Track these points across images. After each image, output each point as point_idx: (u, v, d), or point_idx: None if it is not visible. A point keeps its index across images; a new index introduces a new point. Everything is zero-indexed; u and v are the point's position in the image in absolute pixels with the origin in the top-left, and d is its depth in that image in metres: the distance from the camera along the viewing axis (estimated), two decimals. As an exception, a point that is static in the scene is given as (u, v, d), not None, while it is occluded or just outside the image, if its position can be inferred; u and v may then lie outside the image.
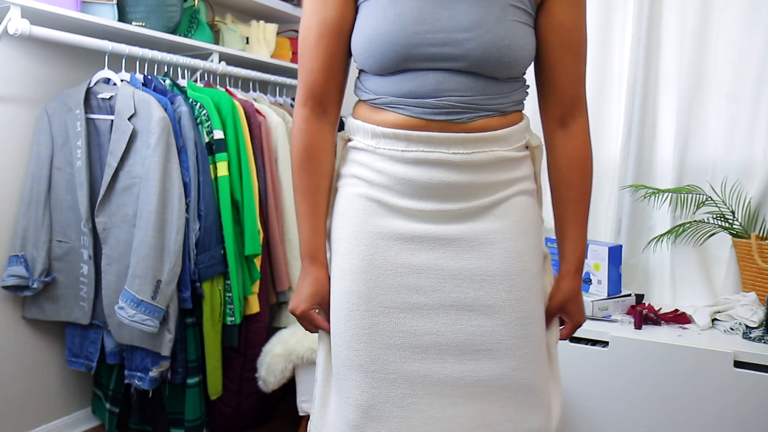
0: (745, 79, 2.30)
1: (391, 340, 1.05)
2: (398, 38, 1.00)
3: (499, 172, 1.07)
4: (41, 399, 2.18)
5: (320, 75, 1.09)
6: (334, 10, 1.06)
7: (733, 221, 2.27)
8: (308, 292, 1.11)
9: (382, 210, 1.07)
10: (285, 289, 2.37)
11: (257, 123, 2.30)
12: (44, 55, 2.09)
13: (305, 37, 1.09)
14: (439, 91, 1.02)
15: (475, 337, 1.05)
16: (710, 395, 1.86)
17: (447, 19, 1.01)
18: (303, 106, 1.11)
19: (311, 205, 1.11)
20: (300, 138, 1.11)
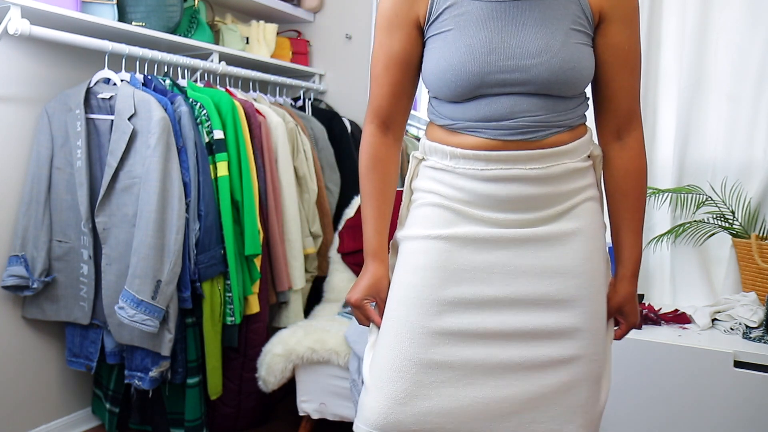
0: (745, 79, 2.29)
1: (455, 327, 1.12)
2: (471, 68, 1.08)
3: (570, 182, 1.15)
4: (41, 399, 2.18)
5: (384, 101, 1.20)
6: (400, 44, 1.15)
7: (733, 221, 2.27)
8: (365, 283, 1.19)
9: (460, 218, 1.14)
10: (285, 289, 2.37)
11: (257, 123, 2.30)
12: (44, 55, 2.09)
13: (374, 65, 1.20)
14: (512, 113, 1.10)
15: (543, 327, 1.12)
16: (710, 395, 1.86)
17: (515, 47, 1.08)
18: (370, 123, 1.22)
19: (374, 208, 1.21)
20: (366, 149, 1.22)
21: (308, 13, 3.05)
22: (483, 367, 1.12)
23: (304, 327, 2.18)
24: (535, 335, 1.12)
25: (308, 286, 2.57)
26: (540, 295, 1.12)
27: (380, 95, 1.19)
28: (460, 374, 1.11)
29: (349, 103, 3.02)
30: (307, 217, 2.52)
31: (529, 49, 1.08)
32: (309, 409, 2.13)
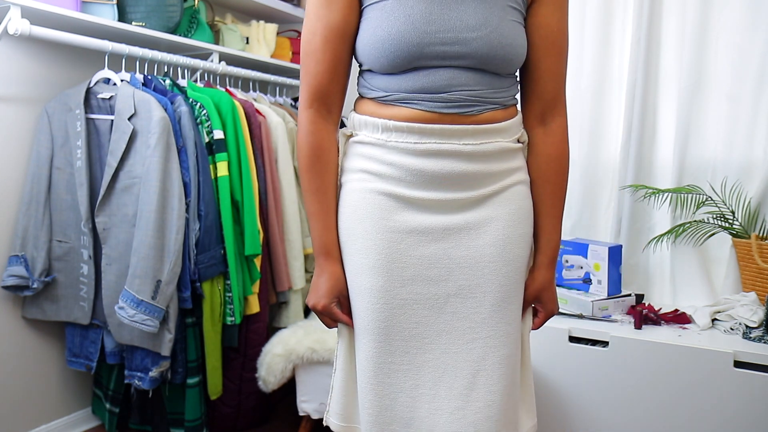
0: (745, 79, 2.29)
1: (405, 332, 1.12)
2: (410, 38, 1.05)
3: (502, 162, 1.14)
4: (41, 399, 2.18)
5: (325, 77, 1.12)
6: (339, 14, 1.09)
7: (733, 221, 2.27)
8: (326, 287, 1.15)
9: (395, 203, 1.12)
10: (285, 289, 2.37)
11: (257, 123, 2.30)
12: (44, 55, 2.09)
13: (309, 41, 1.12)
14: (450, 86, 1.08)
15: (474, 324, 1.12)
16: (710, 395, 1.86)
17: (455, 20, 1.06)
18: (308, 108, 1.14)
19: (321, 203, 1.15)
20: (307, 139, 1.14)
21: (308, 13, 3.04)
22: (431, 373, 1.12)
23: (304, 327, 2.18)
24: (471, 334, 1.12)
25: (308, 286, 2.57)
26: (471, 285, 1.12)
27: (320, 72, 1.11)
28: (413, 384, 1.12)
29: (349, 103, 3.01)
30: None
31: (469, 22, 1.06)
32: (309, 409, 2.13)
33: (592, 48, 2.51)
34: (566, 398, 2.05)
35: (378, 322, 1.11)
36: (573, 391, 2.04)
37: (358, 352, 1.16)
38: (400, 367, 1.12)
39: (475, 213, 1.12)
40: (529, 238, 1.19)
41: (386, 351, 1.12)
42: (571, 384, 2.04)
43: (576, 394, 2.03)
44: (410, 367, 1.12)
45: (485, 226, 1.12)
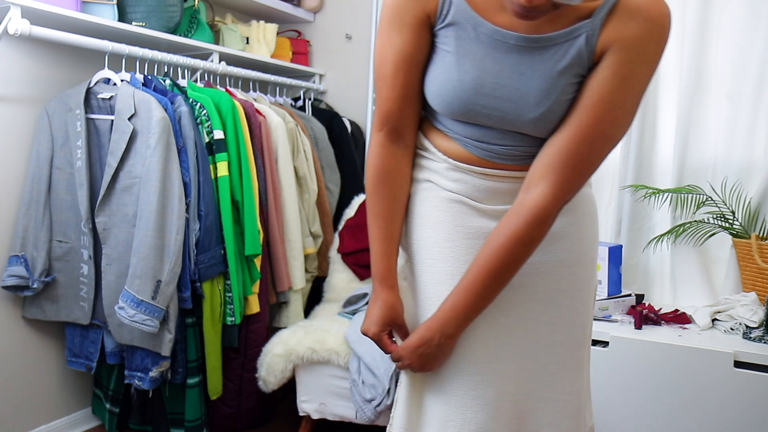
0: (745, 79, 2.30)
1: (490, 342, 1.08)
2: (457, 106, 1.03)
3: None
4: (41, 399, 2.18)
5: (395, 104, 1.08)
6: (410, 42, 1.05)
7: (733, 221, 2.27)
8: (378, 314, 1.11)
9: (468, 209, 1.09)
10: (285, 289, 2.37)
11: (257, 123, 2.30)
12: (44, 55, 2.09)
13: (381, 65, 1.08)
14: (502, 143, 1.05)
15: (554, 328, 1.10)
16: (710, 395, 1.86)
17: (506, 99, 1.01)
18: (378, 132, 1.11)
19: (383, 228, 1.11)
20: (374, 162, 1.11)
21: (308, 13, 3.05)
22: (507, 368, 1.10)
23: (304, 327, 2.18)
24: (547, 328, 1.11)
25: (308, 286, 2.57)
26: (551, 289, 1.10)
27: (390, 99, 1.08)
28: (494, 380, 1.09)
29: (349, 103, 3.02)
30: (307, 217, 2.52)
31: (519, 104, 1.00)
32: (309, 409, 2.13)
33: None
34: (566, 398, 2.05)
35: (465, 333, 1.07)
36: (573, 391, 2.04)
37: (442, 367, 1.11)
38: (485, 377, 1.08)
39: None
40: (597, 240, 1.17)
41: (472, 363, 1.08)
42: (571, 384, 2.04)
43: (576, 394, 2.03)
44: (494, 376, 1.08)
45: (558, 230, 1.09)
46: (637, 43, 0.96)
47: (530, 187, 1.03)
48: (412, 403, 1.15)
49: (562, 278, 1.10)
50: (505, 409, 1.09)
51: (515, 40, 0.99)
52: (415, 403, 1.15)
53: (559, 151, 1.01)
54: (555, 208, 1.02)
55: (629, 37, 0.96)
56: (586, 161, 1.03)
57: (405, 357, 1.09)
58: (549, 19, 0.96)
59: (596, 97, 0.98)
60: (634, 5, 0.96)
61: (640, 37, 0.96)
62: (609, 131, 1.01)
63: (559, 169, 1.01)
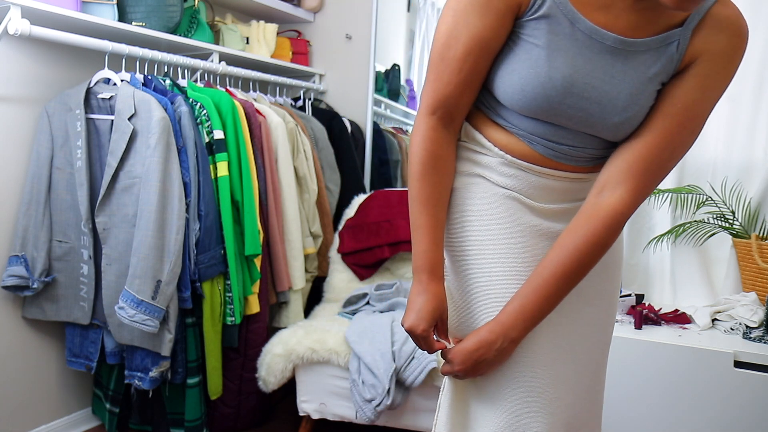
0: (746, 80, 2.29)
1: (547, 344, 1.05)
2: (541, 104, 0.98)
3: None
4: (41, 399, 2.18)
5: (457, 90, 1.02)
6: (491, 30, 0.97)
7: (734, 221, 2.27)
8: (427, 308, 1.03)
9: (522, 206, 1.06)
10: (285, 289, 2.37)
11: (257, 123, 2.30)
12: (44, 55, 2.09)
13: (449, 47, 1.00)
14: (572, 144, 1.03)
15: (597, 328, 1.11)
16: (710, 395, 1.86)
17: (593, 101, 0.98)
18: (431, 115, 1.05)
19: (432, 216, 1.05)
20: (425, 146, 1.05)
21: (308, 13, 3.05)
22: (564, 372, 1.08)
23: (304, 327, 2.18)
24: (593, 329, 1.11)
25: (308, 286, 2.57)
26: (597, 290, 1.09)
27: (453, 83, 1.01)
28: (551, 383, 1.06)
29: (349, 103, 3.02)
30: (307, 217, 2.52)
31: (606, 107, 0.98)
32: (309, 409, 2.13)
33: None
34: (566, 398, 2.05)
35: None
36: (573, 391, 2.04)
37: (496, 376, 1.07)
38: (542, 382, 1.04)
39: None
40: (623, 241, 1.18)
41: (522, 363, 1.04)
42: (571, 384, 2.04)
43: (576, 394, 2.03)
44: (550, 381, 1.04)
45: None
46: (725, 55, 0.98)
47: (606, 191, 1.01)
48: (457, 408, 1.11)
49: (601, 280, 1.09)
50: (559, 414, 1.05)
51: (612, 41, 0.96)
52: (461, 408, 1.11)
53: (641, 156, 1.00)
54: (630, 213, 1.01)
55: (718, 50, 0.98)
56: (664, 168, 1.02)
57: (457, 361, 1.03)
58: (646, 23, 0.96)
59: (680, 105, 0.98)
60: (724, 17, 0.99)
61: (728, 50, 0.99)
62: (688, 139, 1.01)
63: (639, 174, 1.00)
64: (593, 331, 1.10)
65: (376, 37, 2.97)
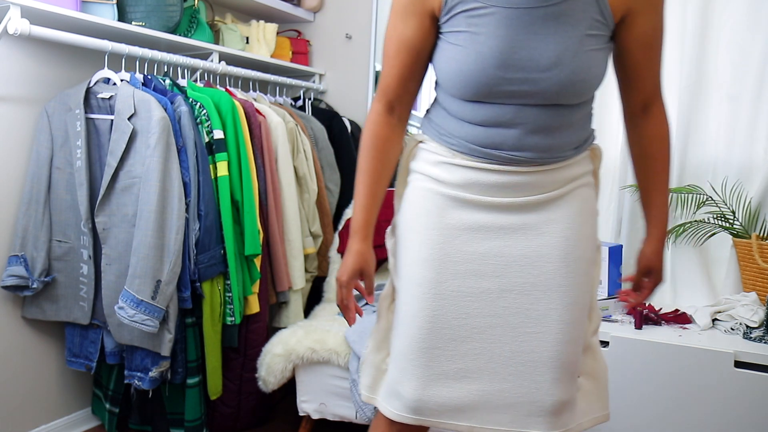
0: (746, 79, 2.29)
1: (455, 322, 1.19)
2: (479, 78, 1.10)
3: (564, 171, 1.19)
4: (41, 399, 2.18)
5: (393, 81, 1.22)
6: (412, 31, 1.16)
7: (734, 221, 2.27)
8: (352, 264, 1.24)
9: (453, 203, 1.19)
10: (285, 289, 2.36)
11: (257, 123, 2.30)
12: (44, 55, 2.09)
13: (385, 45, 1.21)
14: (514, 120, 1.13)
15: (529, 320, 1.17)
16: (710, 395, 1.86)
17: (526, 60, 1.09)
18: (377, 102, 1.25)
19: (367, 185, 1.24)
20: (370, 127, 1.25)
21: (308, 12, 3.05)
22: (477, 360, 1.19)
23: (304, 327, 2.17)
24: (523, 329, 1.18)
25: (308, 286, 2.57)
26: (530, 284, 1.17)
27: (389, 76, 1.21)
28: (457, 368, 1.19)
29: (349, 103, 3.02)
30: (307, 217, 2.52)
31: (540, 62, 1.08)
32: (309, 409, 2.13)
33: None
34: (566, 398, 2.04)
35: (427, 311, 1.19)
36: (573, 391, 2.04)
37: (401, 338, 1.23)
38: (444, 353, 1.18)
39: (534, 215, 1.17)
40: (593, 239, 1.23)
41: (433, 338, 1.18)
42: (572, 384, 2.03)
43: (576, 394, 2.03)
44: (454, 353, 1.18)
45: (544, 227, 1.17)
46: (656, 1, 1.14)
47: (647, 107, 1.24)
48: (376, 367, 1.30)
49: (541, 273, 1.17)
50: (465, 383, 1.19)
51: (527, 4, 1.07)
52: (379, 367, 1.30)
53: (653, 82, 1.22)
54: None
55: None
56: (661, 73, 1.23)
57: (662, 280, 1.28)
58: None
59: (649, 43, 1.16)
60: None
61: None
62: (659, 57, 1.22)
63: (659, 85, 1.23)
64: (523, 321, 1.18)
65: (376, 37, 2.97)
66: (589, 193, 1.24)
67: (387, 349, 1.30)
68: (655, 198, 1.29)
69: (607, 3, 1.10)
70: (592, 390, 1.28)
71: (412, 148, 1.28)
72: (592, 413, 1.26)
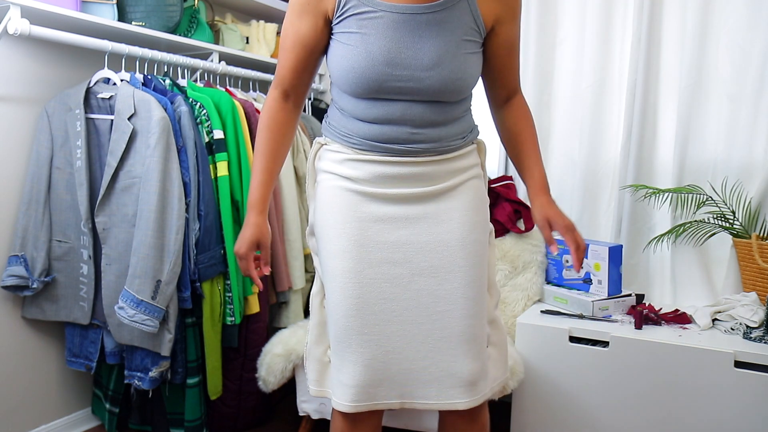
0: (746, 79, 2.29)
1: (376, 307, 1.30)
2: (369, 75, 1.23)
3: (455, 162, 1.34)
4: (41, 399, 2.18)
5: (288, 73, 1.35)
6: (307, 29, 1.29)
7: (734, 221, 2.27)
8: (248, 236, 1.33)
9: (362, 198, 1.31)
10: (285, 289, 2.36)
11: (257, 123, 2.30)
12: (44, 55, 2.09)
13: (283, 38, 1.34)
14: (403, 117, 1.27)
15: (438, 299, 1.31)
16: (710, 395, 1.86)
17: (411, 59, 1.23)
18: (274, 89, 1.37)
19: (263, 163, 1.35)
20: (266, 111, 1.37)
21: (308, 12, 3.04)
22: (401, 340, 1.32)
23: (304, 327, 2.17)
24: (434, 308, 1.31)
25: (308, 286, 2.57)
26: (436, 267, 1.31)
27: (284, 68, 1.34)
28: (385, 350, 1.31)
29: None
30: (307, 217, 2.52)
31: (423, 61, 1.23)
32: (309, 409, 2.13)
33: (592, 48, 2.51)
34: (566, 398, 2.05)
35: (350, 299, 1.30)
36: (573, 391, 2.04)
37: (331, 326, 1.34)
38: (371, 337, 1.30)
39: (433, 205, 1.32)
40: (485, 224, 1.39)
41: (359, 324, 1.30)
42: (571, 384, 2.04)
43: (576, 394, 2.03)
44: (380, 336, 1.30)
45: (443, 215, 1.32)
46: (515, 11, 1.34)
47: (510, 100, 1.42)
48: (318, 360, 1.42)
49: (444, 256, 1.31)
50: (393, 363, 1.31)
51: (412, 10, 1.23)
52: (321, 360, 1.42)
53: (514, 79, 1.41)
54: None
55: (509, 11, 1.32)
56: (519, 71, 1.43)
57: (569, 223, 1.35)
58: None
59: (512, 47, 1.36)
60: None
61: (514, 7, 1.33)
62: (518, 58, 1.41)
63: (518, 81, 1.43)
64: (433, 301, 1.31)
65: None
66: (479, 184, 1.39)
67: (326, 343, 1.41)
68: (529, 160, 1.41)
69: (479, 14, 1.28)
70: (497, 357, 1.43)
71: (317, 150, 1.40)
72: (499, 378, 1.43)
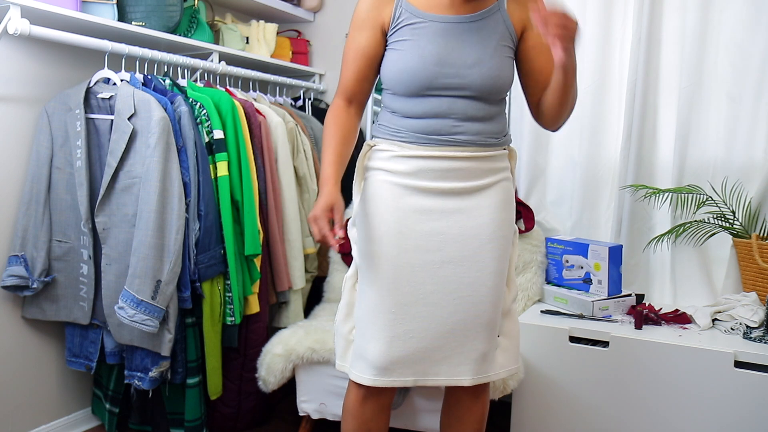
0: (746, 79, 2.29)
1: (406, 288, 1.46)
2: (421, 73, 1.42)
3: (490, 162, 1.49)
4: (41, 399, 2.18)
5: (349, 82, 1.53)
6: (366, 41, 1.49)
7: (734, 221, 2.27)
8: (323, 202, 1.42)
9: (404, 190, 1.47)
10: (285, 289, 2.36)
11: (257, 123, 2.30)
12: (44, 55, 2.09)
13: (345, 52, 1.53)
14: (449, 110, 1.44)
15: (462, 286, 1.47)
16: (710, 395, 1.86)
17: (456, 59, 1.43)
18: (338, 97, 1.55)
19: (334, 146, 1.49)
20: (332, 117, 1.53)
21: (308, 12, 3.05)
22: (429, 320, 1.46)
23: (304, 327, 2.18)
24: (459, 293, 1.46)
25: (308, 286, 2.57)
26: (465, 257, 1.46)
27: (347, 78, 1.52)
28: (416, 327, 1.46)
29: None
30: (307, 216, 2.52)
31: (467, 61, 1.42)
32: (309, 409, 2.13)
33: (592, 48, 2.51)
34: (566, 398, 2.05)
35: (384, 279, 1.46)
36: (573, 391, 2.04)
37: (362, 305, 1.51)
38: (396, 316, 1.45)
39: (467, 201, 1.47)
40: (511, 223, 1.54)
41: (388, 303, 1.46)
42: (572, 384, 2.04)
43: (576, 394, 2.03)
44: (405, 316, 1.46)
45: (475, 211, 1.47)
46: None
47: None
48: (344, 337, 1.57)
49: (473, 248, 1.46)
50: (413, 342, 1.46)
51: (456, 20, 1.44)
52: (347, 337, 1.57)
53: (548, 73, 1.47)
54: None
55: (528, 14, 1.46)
56: None
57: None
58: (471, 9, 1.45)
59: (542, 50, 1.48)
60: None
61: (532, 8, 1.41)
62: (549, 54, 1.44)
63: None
64: (457, 286, 1.46)
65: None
66: (508, 186, 1.53)
67: (353, 322, 1.56)
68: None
69: (511, 23, 1.47)
70: (508, 347, 1.56)
71: (366, 152, 1.54)
72: (508, 365, 1.56)
